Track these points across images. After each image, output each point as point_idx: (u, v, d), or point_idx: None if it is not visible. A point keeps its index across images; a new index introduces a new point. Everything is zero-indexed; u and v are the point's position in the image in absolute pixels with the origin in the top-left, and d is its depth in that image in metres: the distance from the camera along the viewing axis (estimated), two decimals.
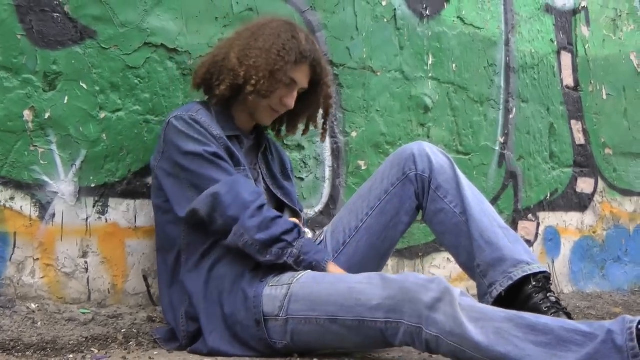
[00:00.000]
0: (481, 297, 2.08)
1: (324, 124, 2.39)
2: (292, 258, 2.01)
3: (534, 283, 2.00)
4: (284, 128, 2.45)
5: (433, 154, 2.19)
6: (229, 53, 2.19)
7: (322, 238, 2.30)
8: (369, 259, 2.24)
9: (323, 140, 2.46)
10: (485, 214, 2.11)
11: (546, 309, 1.95)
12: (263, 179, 2.31)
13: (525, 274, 2.00)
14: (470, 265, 2.11)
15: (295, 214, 2.34)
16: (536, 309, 1.94)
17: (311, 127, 2.43)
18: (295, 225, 2.06)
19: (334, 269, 2.04)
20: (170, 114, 2.19)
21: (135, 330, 2.22)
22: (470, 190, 2.15)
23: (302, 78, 2.23)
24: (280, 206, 2.33)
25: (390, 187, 2.20)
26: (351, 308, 1.86)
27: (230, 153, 2.14)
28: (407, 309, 1.78)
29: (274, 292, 1.97)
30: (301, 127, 2.43)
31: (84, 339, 2.10)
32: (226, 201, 2.02)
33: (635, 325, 1.64)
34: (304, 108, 2.34)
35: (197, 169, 2.07)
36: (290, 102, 2.23)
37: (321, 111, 2.37)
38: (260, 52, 2.14)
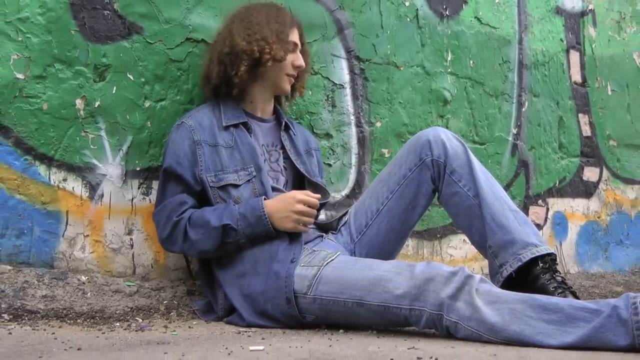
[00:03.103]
0: (492, 276, 2.04)
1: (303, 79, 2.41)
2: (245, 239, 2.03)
3: (542, 264, 1.96)
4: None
5: (447, 139, 2.13)
6: (232, 40, 2.16)
7: (346, 219, 2.25)
8: (389, 240, 2.20)
9: (302, 95, 2.45)
10: (497, 197, 2.05)
11: (553, 289, 1.91)
12: (287, 154, 2.27)
13: (533, 255, 1.96)
14: (482, 245, 2.07)
15: (316, 187, 2.27)
16: (544, 289, 1.92)
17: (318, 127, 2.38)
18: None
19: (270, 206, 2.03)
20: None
21: (175, 302, 2.21)
22: (483, 174, 2.09)
23: (297, 40, 2.26)
24: (302, 180, 2.29)
25: (408, 172, 2.15)
26: (378, 294, 1.82)
27: (233, 140, 2.15)
28: (431, 298, 1.75)
29: (304, 272, 1.93)
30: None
31: (129, 309, 2.09)
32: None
33: (638, 300, 1.60)
34: (305, 66, 2.33)
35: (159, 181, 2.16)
36: (302, 62, 2.25)
37: None
38: (260, 26, 2.16)
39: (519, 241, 1.97)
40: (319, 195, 2.09)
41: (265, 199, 2.05)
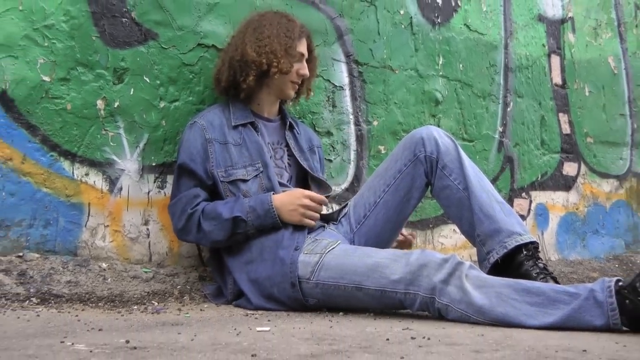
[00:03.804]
0: (480, 262, 2.04)
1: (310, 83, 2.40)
2: (253, 229, 2.03)
3: (525, 252, 1.96)
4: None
5: (439, 137, 2.13)
6: (244, 50, 2.15)
7: (346, 211, 2.25)
8: (385, 230, 2.20)
9: (308, 98, 2.44)
10: (484, 190, 2.06)
11: (536, 275, 1.92)
12: (292, 152, 2.27)
13: (517, 243, 1.97)
14: (471, 234, 2.08)
15: (318, 181, 2.28)
16: (527, 274, 1.92)
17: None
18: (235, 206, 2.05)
19: (278, 201, 2.04)
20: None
21: (188, 287, 2.21)
22: (472, 169, 2.09)
23: (304, 50, 2.25)
24: (305, 176, 2.29)
25: (403, 167, 2.15)
26: (376, 279, 1.83)
27: (241, 138, 2.15)
28: (424, 282, 1.76)
29: (307, 258, 1.94)
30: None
31: (146, 294, 2.09)
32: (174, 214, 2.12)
33: (613, 284, 1.62)
34: (311, 73, 2.32)
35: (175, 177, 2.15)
36: (306, 71, 2.25)
37: None
38: (270, 39, 2.15)
39: (505, 230, 1.98)
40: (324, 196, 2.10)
41: (273, 193, 2.06)
